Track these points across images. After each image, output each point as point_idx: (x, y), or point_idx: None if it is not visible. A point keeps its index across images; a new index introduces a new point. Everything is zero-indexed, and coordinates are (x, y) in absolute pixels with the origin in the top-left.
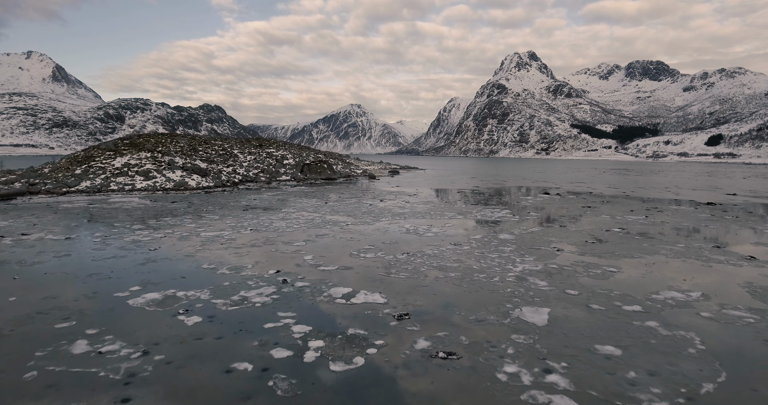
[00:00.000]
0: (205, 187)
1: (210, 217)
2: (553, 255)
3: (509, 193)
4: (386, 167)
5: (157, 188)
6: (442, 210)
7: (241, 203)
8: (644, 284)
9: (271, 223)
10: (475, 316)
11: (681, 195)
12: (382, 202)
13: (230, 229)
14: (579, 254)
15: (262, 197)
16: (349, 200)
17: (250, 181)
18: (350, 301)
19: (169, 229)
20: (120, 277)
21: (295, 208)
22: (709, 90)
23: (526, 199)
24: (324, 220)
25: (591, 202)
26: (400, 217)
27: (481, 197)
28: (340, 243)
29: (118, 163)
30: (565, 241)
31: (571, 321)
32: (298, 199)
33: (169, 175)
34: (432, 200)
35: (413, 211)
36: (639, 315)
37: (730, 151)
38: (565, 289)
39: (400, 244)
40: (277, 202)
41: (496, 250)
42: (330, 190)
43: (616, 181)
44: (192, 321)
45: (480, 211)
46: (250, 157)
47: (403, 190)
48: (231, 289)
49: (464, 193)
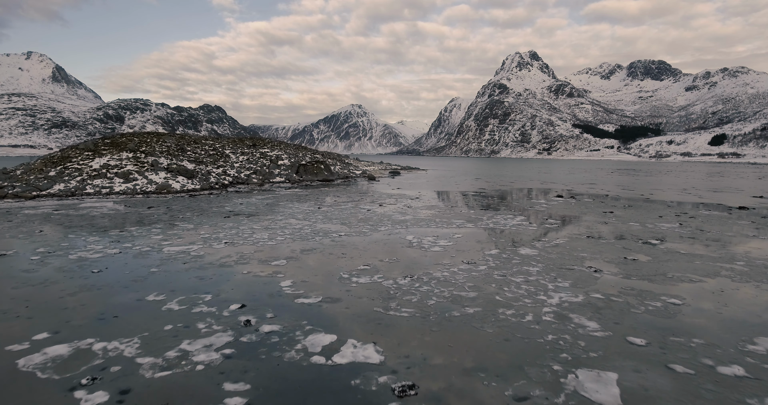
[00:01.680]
0: (191, 190)
1: (183, 226)
2: (592, 278)
3: (519, 195)
4: (386, 168)
5: (137, 191)
6: (448, 217)
7: (224, 208)
8: (727, 325)
9: (252, 233)
10: (512, 388)
11: (704, 198)
12: (382, 206)
13: (202, 241)
14: (623, 276)
15: (250, 201)
16: (345, 205)
17: (242, 183)
18: (332, 360)
19: (130, 242)
20: (31, 317)
21: (284, 215)
22: (711, 89)
23: (539, 202)
24: (314, 230)
25: (611, 207)
26: (402, 225)
27: (490, 201)
28: (328, 261)
29: (96, 164)
30: (599, 256)
31: (654, 399)
32: (290, 203)
33: (152, 177)
34: (436, 204)
35: (416, 217)
36: (748, 384)
37: (734, 151)
38: (626, 336)
39: (401, 263)
40: (265, 208)
41: (520, 272)
42: (326, 193)
43: (628, 182)
44: (92, 403)
45: (491, 218)
46: (242, 158)
47: (404, 192)
48: (170, 339)
49: (470, 196)
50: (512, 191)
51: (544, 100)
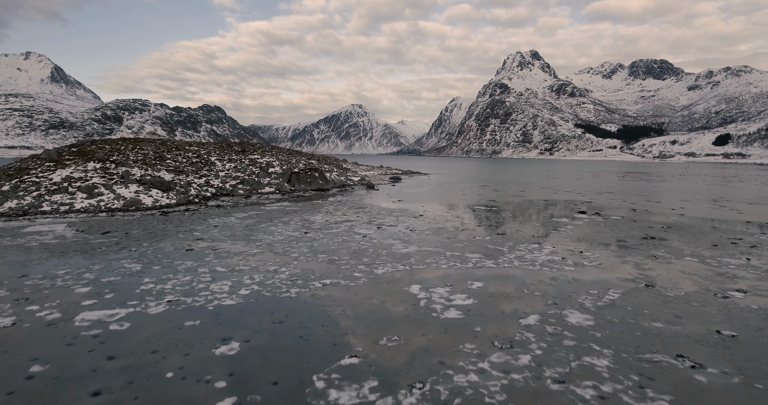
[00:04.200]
0: (164, 205)
1: (127, 268)
2: (689, 381)
3: (535, 211)
4: (386, 172)
5: (101, 209)
6: (460, 247)
7: (193, 234)
8: None
9: (211, 281)
10: None
11: (745, 213)
12: (380, 228)
13: (137, 299)
14: (736, 374)
15: (228, 222)
16: (338, 227)
17: (226, 194)
18: None
19: (40, 301)
20: None
21: (261, 245)
22: (714, 89)
23: (561, 222)
24: (291, 274)
25: (647, 228)
26: (404, 262)
27: (504, 220)
28: (301, 347)
29: (57, 177)
30: (679, 328)
31: None
32: (272, 225)
33: (121, 191)
34: (443, 226)
35: (421, 249)
36: None
37: (739, 151)
38: None
39: (405, 350)
40: (242, 232)
41: (582, 370)
42: (318, 207)
43: (647, 190)
44: None
45: (513, 249)
46: (229, 166)
47: (405, 206)
48: None
49: (481, 212)
50: (526, 205)
51: (545, 99)
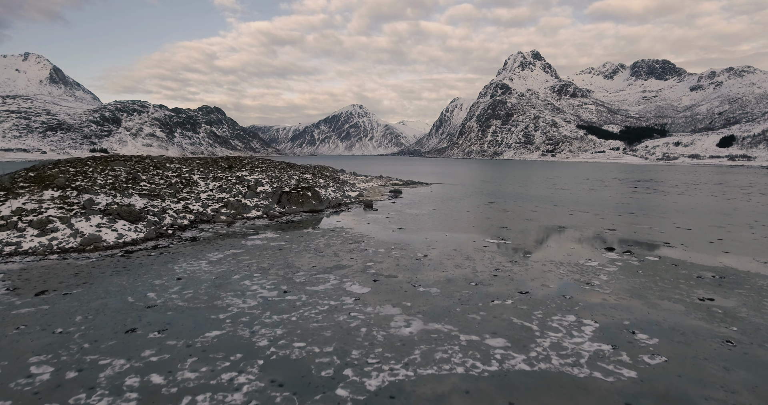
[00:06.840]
0: (129, 242)
1: (30, 376)
2: None
3: (555, 247)
4: (386, 183)
5: (53, 249)
6: (478, 324)
7: (146, 297)
8: None
9: None
10: None
11: None
12: (377, 281)
13: None
14: None
15: (197, 269)
16: (326, 281)
17: (206, 221)
18: None
19: None
20: None
21: (225, 320)
22: (717, 89)
23: (589, 267)
24: (246, 402)
25: (696, 280)
26: (406, 361)
27: (522, 263)
28: None
29: (6, 210)
30: None
31: None
32: (250, 273)
33: (80, 225)
34: (452, 277)
35: (427, 327)
36: None
37: (744, 153)
38: None
39: None
40: (207, 291)
41: None
42: (307, 240)
43: (668, 208)
44: None
45: (545, 328)
46: (213, 185)
47: (407, 238)
48: None
49: (493, 251)
50: (542, 235)
51: (547, 100)
